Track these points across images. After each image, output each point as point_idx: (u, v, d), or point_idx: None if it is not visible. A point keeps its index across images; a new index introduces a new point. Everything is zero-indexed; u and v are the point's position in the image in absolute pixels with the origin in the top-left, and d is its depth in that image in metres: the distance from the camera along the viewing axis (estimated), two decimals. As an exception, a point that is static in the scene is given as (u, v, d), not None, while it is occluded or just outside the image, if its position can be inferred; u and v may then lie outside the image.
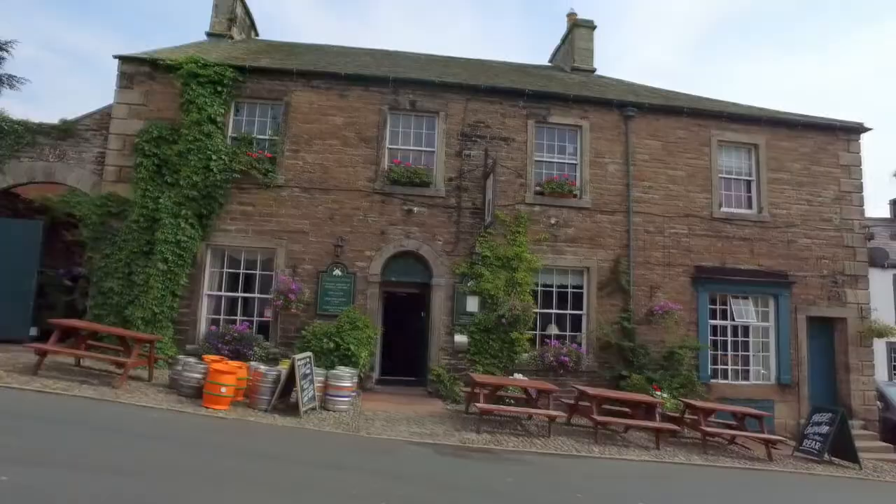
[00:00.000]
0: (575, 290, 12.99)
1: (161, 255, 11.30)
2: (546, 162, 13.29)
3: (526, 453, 8.55)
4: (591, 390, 10.42)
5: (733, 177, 13.88)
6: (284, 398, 9.14)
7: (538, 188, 13.02)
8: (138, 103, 12.26)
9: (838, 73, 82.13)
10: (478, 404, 9.64)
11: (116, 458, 5.68)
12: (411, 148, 12.96)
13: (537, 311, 12.65)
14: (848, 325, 13.57)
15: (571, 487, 7.08)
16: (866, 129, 14.28)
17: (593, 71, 17.21)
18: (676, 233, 13.29)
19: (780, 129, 14.06)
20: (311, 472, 6.35)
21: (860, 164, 14.19)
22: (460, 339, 12.16)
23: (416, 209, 12.51)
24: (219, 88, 12.12)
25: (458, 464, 7.63)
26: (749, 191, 13.91)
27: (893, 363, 19.05)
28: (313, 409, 9.26)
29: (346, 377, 9.79)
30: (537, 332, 12.74)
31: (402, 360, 13.24)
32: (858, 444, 11.20)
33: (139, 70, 12.39)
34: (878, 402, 13.78)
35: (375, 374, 12.39)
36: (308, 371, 9.24)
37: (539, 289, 12.81)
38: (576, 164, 13.32)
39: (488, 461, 7.92)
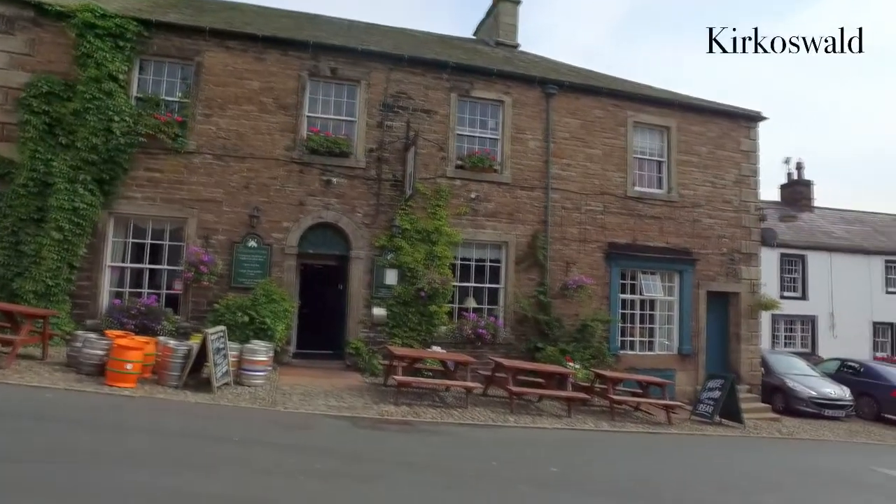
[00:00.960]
0: (493, 264, 13.23)
1: (55, 223, 10.39)
2: (468, 136, 13.31)
3: (443, 424, 8.72)
4: (506, 362, 10.73)
5: (646, 157, 14.51)
6: (196, 374, 8.77)
7: (459, 162, 13.05)
8: (22, 52, 10.99)
9: (741, 65, 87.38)
10: (396, 377, 9.68)
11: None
12: (331, 117, 12.58)
13: (456, 284, 12.78)
14: (741, 300, 14.72)
15: (487, 456, 7.30)
16: (763, 118, 15.31)
17: (517, 46, 17.32)
18: (592, 210, 13.77)
19: (690, 114, 14.80)
20: (227, 448, 6.17)
21: (757, 151, 15.24)
22: (379, 312, 12.11)
23: (335, 180, 12.20)
24: (121, 43, 11.14)
25: (377, 436, 7.68)
26: (660, 171, 14.60)
27: (775, 333, 21.30)
28: (227, 384, 8.97)
29: (261, 351, 9.55)
30: (455, 305, 12.90)
31: (320, 333, 13.04)
32: (744, 405, 12.38)
33: (21, 14, 11.06)
34: (761, 368, 15.13)
35: (292, 348, 12.15)
36: (222, 346, 8.91)
37: (458, 262, 12.93)
38: (497, 140, 13.44)
39: (406, 433, 8.02)
